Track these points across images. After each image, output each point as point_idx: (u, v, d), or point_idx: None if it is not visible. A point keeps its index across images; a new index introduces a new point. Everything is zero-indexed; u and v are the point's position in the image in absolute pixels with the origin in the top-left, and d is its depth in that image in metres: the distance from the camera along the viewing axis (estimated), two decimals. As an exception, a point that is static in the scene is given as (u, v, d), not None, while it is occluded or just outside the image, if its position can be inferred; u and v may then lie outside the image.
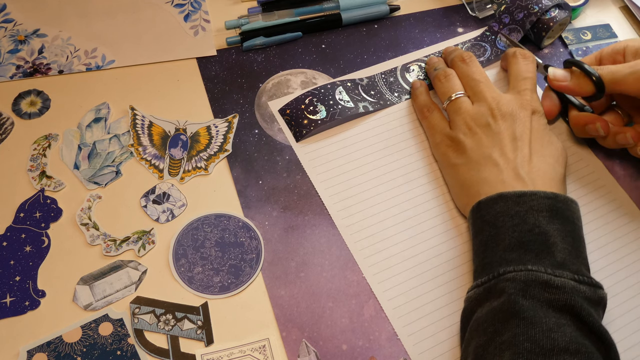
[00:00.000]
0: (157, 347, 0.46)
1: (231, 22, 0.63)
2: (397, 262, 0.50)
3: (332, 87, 0.58)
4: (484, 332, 0.42)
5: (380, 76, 0.60)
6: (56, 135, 0.57)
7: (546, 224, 0.45)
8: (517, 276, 0.42)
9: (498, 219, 0.46)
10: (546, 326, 0.40)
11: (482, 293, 0.44)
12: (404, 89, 0.60)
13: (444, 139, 0.54)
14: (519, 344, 0.39)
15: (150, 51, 0.62)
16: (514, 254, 0.44)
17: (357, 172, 0.55)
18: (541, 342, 0.39)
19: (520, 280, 0.42)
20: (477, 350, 0.42)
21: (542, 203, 0.46)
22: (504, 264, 0.44)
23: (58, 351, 0.46)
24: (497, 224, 0.46)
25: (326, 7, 0.65)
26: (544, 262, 0.43)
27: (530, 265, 0.43)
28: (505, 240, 0.45)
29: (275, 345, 0.47)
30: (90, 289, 0.49)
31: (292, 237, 0.52)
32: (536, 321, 0.40)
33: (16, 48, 0.62)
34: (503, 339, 0.40)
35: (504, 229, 0.46)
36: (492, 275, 0.44)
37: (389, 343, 0.47)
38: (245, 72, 0.61)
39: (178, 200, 0.53)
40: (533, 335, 0.39)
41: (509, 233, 0.45)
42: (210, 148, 0.56)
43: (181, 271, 0.50)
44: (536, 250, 0.44)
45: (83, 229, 0.51)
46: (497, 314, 0.42)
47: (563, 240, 0.45)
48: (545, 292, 0.41)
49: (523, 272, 0.42)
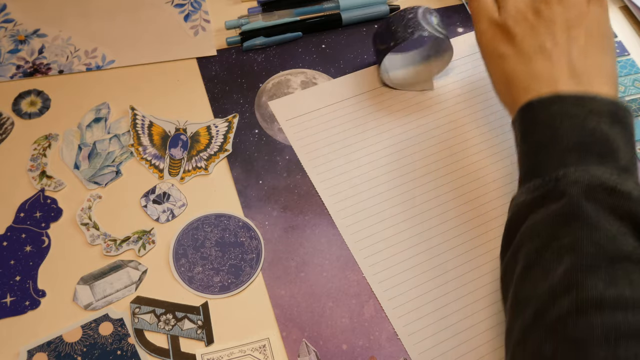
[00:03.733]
0: (158, 346, 0.46)
1: (231, 22, 0.63)
2: (397, 262, 0.50)
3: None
4: (539, 237, 0.39)
5: (399, 16, 0.57)
6: (56, 135, 0.57)
7: (608, 128, 0.41)
8: (579, 178, 0.39)
9: (555, 119, 0.42)
10: (610, 232, 0.37)
11: (537, 197, 0.41)
12: (423, 27, 0.55)
13: (490, 26, 0.49)
14: (582, 247, 0.37)
15: (150, 51, 0.62)
16: (573, 156, 0.40)
17: (358, 172, 0.55)
18: (605, 247, 0.36)
19: (584, 183, 0.39)
20: (529, 256, 0.39)
21: (603, 108, 0.42)
22: (562, 166, 0.40)
23: (58, 351, 0.46)
24: (554, 125, 0.42)
25: (326, 7, 0.65)
26: (608, 165, 0.40)
27: (594, 167, 0.39)
28: (564, 142, 0.41)
29: (275, 345, 0.47)
30: (91, 289, 0.49)
31: (292, 237, 0.52)
32: (600, 226, 0.37)
33: (16, 48, 0.62)
34: (562, 243, 0.38)
35: (562, 130, 0.41)
36: (549, 178, 0.40)
37: (389, 343, 0.47)
38: (245, 72, 0.61)
39: (178, 200, 0.53)
40: (597, 239, 0.37)
41: (567, 134, 0.41)
42: (210, 148, 0.56)
43: (181, 271, 0.50)
44: (598, 153, 0.40)
45: (83, 228, 0.51)
46: (556, 218, 0.39)
47: (626, 145, 0.41)
48: (610, 197, 0.38)
49: (587, 175, 0.39)
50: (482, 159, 0.56)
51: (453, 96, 0.60)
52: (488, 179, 0.55)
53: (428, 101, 0.60)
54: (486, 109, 0.60)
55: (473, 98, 0.60)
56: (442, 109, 0.59)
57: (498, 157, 0.57)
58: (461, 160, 0.56)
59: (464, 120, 0.59)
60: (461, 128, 0.58)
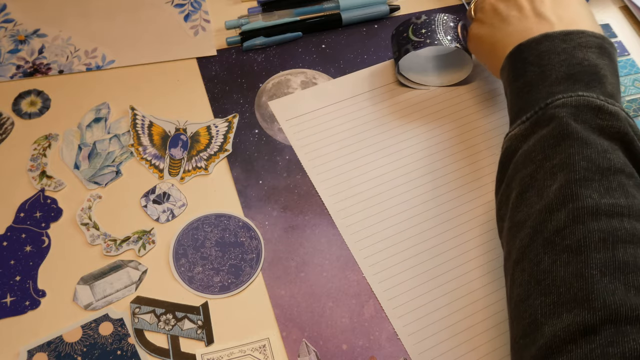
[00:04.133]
0: (158, 346, 0.46)
1: (231, 22, 0.63)
2: (397, 262, 0.50)
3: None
4: (532, 162, 0.40)
5: (442, 18, 0.58)
6: (56, 135, 0.57)
7: (595, 58, 0.43)
8: (567, 102, 0.40)
9: (543, 57, 0.44)
10: (601, 147, 0.38)
11: (528, 127, 0.42)
12: (458, 38, 0.57)
13: (471, 30, 0.54)
14: (574, 163, 0.37)
15: (150, 51, 0.62)
16: (561, 86, 0.42)
17: (358, 172, 0.55)
18: (597, 161, 0.37)
19: (571, 105, 0.40)
20: (523, 181, 0.40)
21: (591, 40, 0.44)
22: (551, 96, 0.41)
23: (58, 351, 0.46)
24: (542, 63, 0.44)
25: (326, 7, 0.65)
26: (595, 90, 0.41)
27: (581, 92, 0.40)
28: (552, 76, 0.43)
29: (275, 345, 0.47)
30: (91, 289, 0.49)
31: (292, 237, 0.52)
32: (590, 142, 0.38)
33: (16, 48, 0.62)
34: (554, 162, 0.38)
35: (550, 66, 0.43)
36: (538, 107, 0.42)
37: (389, 343, 0.47)
38: (245, 72, 0.61)
39: (178, 200, 0.53)
40: (589, 154, 0.37)
41: (555, 68, 0.43)
42: (210, 148, 0.56)
43: (181, 271, 0.50)
44: (586, 80, 0.41)
45: (83, 228, 0.51)
46: (547, 140, 0.40)
47: (612, 75, 0.43)
48: (597, 117, 0.39)
49: (574, 98, 0.40)
50: (481, 159, 0.56)
51: (453, 96, 0.60)
52: (487, 179, 0.55)
53: (428, 101, 0.60)
54: (486, 109, 0.60)
55: (473, 98, 0.60)
56: (443, 109, 0.59)
57: (497, 157, 0.56)
58: (461, 161, 0.56)
59: (463, 120, 0.59)
60: (461, 128, 0.58)
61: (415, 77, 0.61)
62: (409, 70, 0.60)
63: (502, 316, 0.48)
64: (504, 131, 0.58)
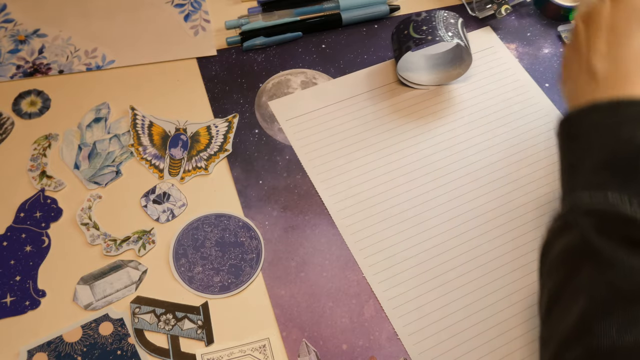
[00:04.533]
0: (158, 346, 0.46)
1: (231, 22, 0.63)
2: (397, 262, 0.50)
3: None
4: (557, 272, 0.38)
5: (442, 14, 0.58)
6: (56, 135, 0.57)
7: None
8: (592, 210, 0.37)
9: (587, 136, 0.40)
10: (628, 268, 0.34)
11: (561, 226, 0.39)
12: (459, 34, 0.57)
13: None
14: (594, 289, 0.35)
15: (150, 51, 0.62)
16: (597, 177, 0.38)
17: (358, 172, 0.55)
18: (620, 287, 0.34)
19: (597, 216, 0.36)
20: (551, 292, 0.38)
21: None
22: (582, 189, 0.38)
23: (58, 351, 0.46)
24: (583, 143, 0.40)
25: (326, 7, 0.65)
26: (631, 186, 0.36)
27: (612, 191, 0.36)
28: (592, 161, 0.39)
29: (275, 345, 0.47)
30: (91, 289, 0.49)
31: (292, 237, 0.52)
32: (615, 262, 0.34)
33: (16, 48, 0.62)
34: (578, 281, 0.36)
35: (591, 151, 0.39)
36: (568, 208, 0.39)
37: (389, 343, 0.47)
38: (245, 72, 0.61)
39: (178, 200, 0.53)
40: (611, 279, 0.34)
41: (595, 153, 0.39)
42: (210, 148, 0.56)
43: (181, 271, 0.50)
44: (625, 173, 0.37)
45: (83, 228, 0.51)
46: (573, 252, 0.37)
47: None
48: (627, 227, 0.35)
49: (602, 205, 0.36)
50: (480, 159, 0.56)
51: (453, 96, 0.60)
52: (486, 179, 0.55)
53: (428, 102, 0.60)
54: (487, 109, 0.60)
55: (472, 98, 0.60)
56: (443, 109, 0.59)
57: (496, 157, 0.57)
58: (460, 161, 0.56)
59: (463, 120, 0.59)
60: (460, 128, 0.58)
61: (414, 77, 0.61)
62: (408, 70, 0.60)
63: (501, 316, 0.48)
64: (505, 129, 0.58)
